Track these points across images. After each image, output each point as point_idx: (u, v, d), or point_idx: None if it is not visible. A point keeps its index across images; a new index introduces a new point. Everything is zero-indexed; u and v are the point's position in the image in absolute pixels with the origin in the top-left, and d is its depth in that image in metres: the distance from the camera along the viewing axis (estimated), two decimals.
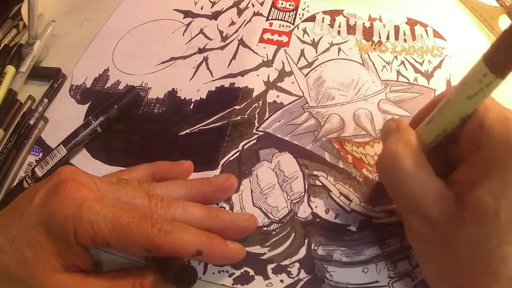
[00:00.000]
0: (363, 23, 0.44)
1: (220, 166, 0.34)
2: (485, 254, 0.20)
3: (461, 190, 0.22)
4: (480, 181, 0.21)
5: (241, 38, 0.43)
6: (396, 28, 0.43)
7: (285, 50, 0.41)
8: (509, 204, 0.20)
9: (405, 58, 0.40)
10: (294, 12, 0.45)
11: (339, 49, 0.41)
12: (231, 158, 0.34)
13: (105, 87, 0.40)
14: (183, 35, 0.44)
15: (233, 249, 0.27)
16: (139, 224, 0.22)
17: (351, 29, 0.43)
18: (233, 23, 0.45)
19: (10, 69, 0.40)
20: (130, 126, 0.37)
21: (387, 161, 0.25)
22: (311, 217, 0.31)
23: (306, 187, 0.32)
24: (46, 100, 0.39)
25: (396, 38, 0.42)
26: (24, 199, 0.24)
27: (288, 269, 0.28)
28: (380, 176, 0.28)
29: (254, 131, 0.36)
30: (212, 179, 0.30)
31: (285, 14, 0.45)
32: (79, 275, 0.24)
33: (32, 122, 0.37)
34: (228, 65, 0.40)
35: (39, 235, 0.22)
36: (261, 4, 0.46)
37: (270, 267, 0.29)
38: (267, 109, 0.37)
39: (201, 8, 0.47)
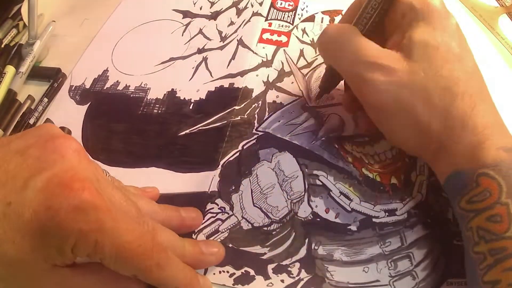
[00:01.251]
0: None
1: (220, 166, 0.34)
2: (443, 74, 0.26)
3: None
4: (415, 27, 0.27)
5: (240, 38, 0.43)
6: None
7: (284, 50, 0.42)
8: (443, 38, 0.27)
9: None
10: (293, 12, 0.45)
11: None
12: (231, 159, 0.34)
13: (105, 88, 0.40)
14: (182, 35, 0.44)
15: None
16: (141, 255, 0.21)
17: None
18: (232, 23, 0.45)
19: (10, 69, 0.40)
20: (130, 126, 0.37)
21: (328, 34, 0.30)
22: (311, 216, 0.31)
23: (306, 186, 0.32)
24: (46, 100, 0.39)
25: None
26: (8, 176, 0.19)
27: (289, 269, 0.28)
28: (324, 52, 0.32)
29: (254, 131, 0.36)
30: (182, 213, 0.29)
31: (284, 14, 0.45)
32: (67, 270, 0.21)
33: (31, 121, 0.37)
34: (228, 65, 0.40)
35: (28, 241, 0.19)
36: (260, 4, 0.46)
37: (270, 267, 0.29)
38: (267, 109, 0.37)
39: (200, 8, 0.47)
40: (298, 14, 0.45)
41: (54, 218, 0.19)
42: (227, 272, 0.28)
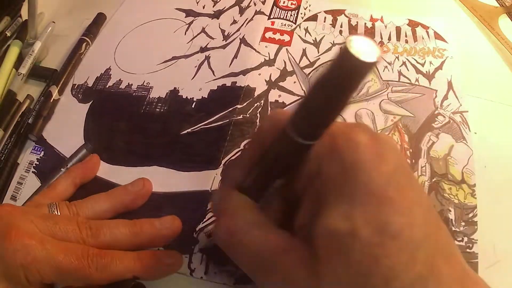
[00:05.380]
0: (365, 24, 0.44)
1: (221, 165, 0.34)
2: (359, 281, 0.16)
3: (308, 231, 0.19)
4: (323, 209, 0.18)
5: (243, 36, 0.43)
6: (398, 29, 0.43)
7: (287, 49, 0.41)
8: (366, 216, 0.16)
9: (407, 59, 0.40)
10: (296, 11, 0.45)
11: None
12: (233, 158, 0.34)
13: (107, 86, 0.40)
14: (185, 34, 0.44)
15: (169, 265, 0.27)
16: (78, 266, 0.24)
17: (352, 29, 0.43)
18: (235, 21, 0.45)
19: (9, 69, 0.40)
20: (132, 125, 0.37)
21: (223, 236, 0.22)
22: None
23: None
24: (42, 99, 0.38)
25: (398, 39, 0.42)
26: None
27: None
28: (225, 251, 0.23)
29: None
30: (129, 187, 0.32)
31: (287, 13, 0.45)
32: None
33: (31, 121, 0.37)
34: (230, 64, 0.40)
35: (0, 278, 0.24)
36: (263, 2, 0.46)
37: None
38: (269, 108, 0.37)
39: (203, 7, 0.47)
40: (301, 13, 0.45)
41: (2, 262, 0.24)
42: (228, 271, 0.28)
